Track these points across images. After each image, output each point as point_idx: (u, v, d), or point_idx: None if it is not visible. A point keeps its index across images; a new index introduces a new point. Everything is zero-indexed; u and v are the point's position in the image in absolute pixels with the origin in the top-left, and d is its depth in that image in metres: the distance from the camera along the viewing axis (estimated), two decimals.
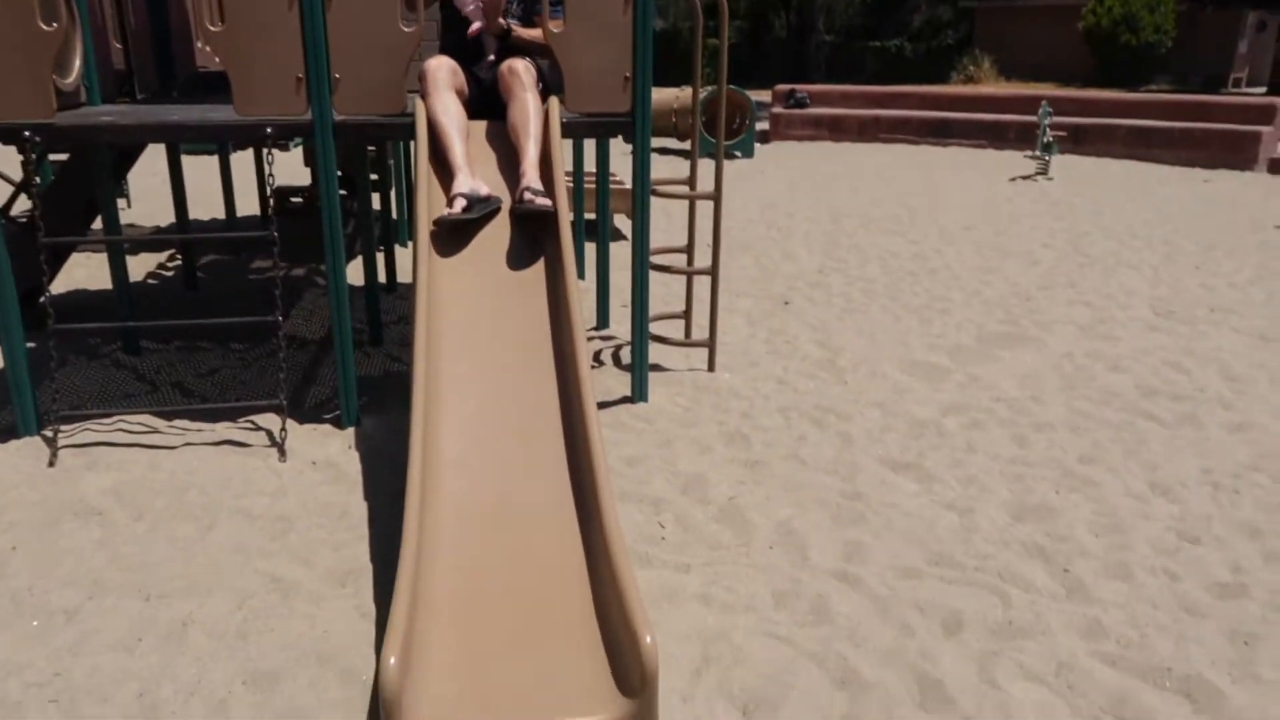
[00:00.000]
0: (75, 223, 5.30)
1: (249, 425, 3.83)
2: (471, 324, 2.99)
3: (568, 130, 3.70)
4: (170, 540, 3.00)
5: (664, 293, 5.49)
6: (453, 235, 3.26)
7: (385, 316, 5.27)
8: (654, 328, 4.45)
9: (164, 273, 6.57)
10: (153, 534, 3.04)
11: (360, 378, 4.15)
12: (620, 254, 6.20)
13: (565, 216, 3.16)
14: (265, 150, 3.63)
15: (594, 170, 5.52)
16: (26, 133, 3.47)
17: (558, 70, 3.70)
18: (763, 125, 14.86)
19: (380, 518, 3.11)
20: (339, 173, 6.99)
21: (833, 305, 5.64)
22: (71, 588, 2.73)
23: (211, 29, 3.44)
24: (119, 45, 5.47)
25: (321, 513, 3.16)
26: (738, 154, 12.65)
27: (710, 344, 4.43)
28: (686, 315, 4.73)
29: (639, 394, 4.03)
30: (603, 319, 5.20)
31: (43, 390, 3.92)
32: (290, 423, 3.81)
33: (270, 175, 3.71)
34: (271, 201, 3.76)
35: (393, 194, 6.68)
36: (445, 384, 2.83)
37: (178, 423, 3.85)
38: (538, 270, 3.16)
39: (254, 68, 3.50)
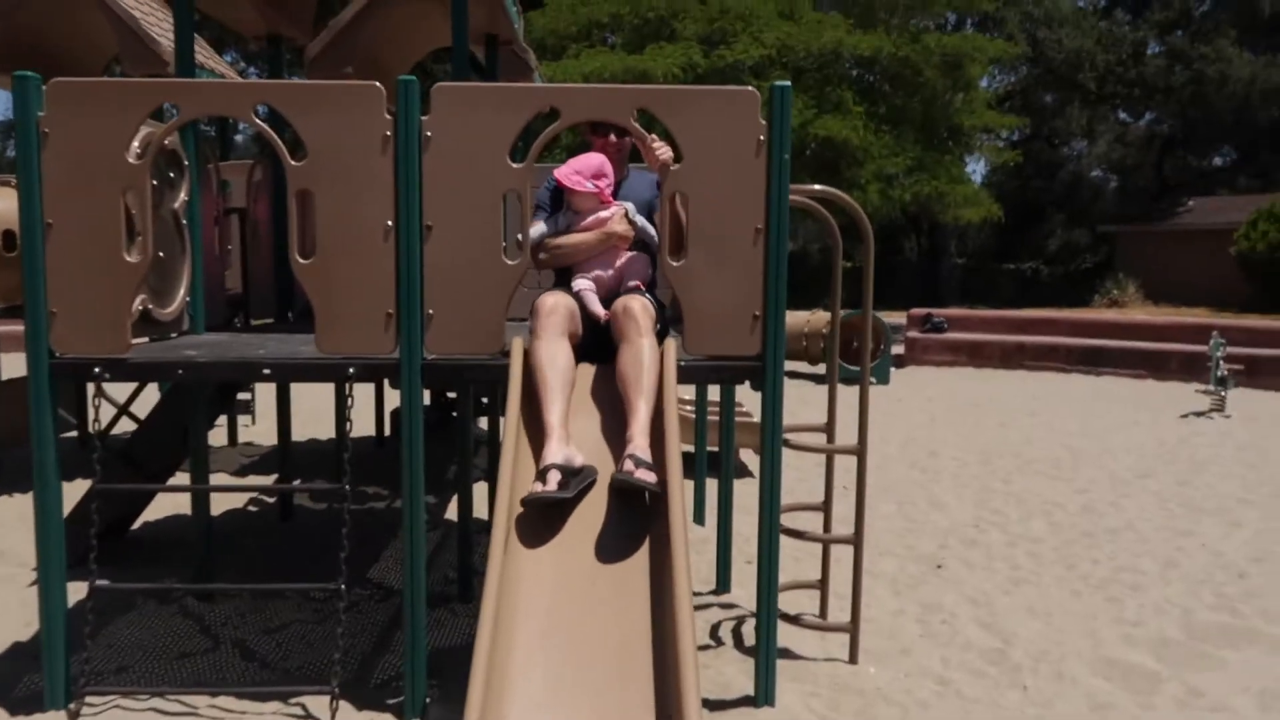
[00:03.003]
0: (173, 450, 5.08)
1: (299, 711, 3.24)
2: (552, 626, 2.37)
3: (685, 375, 3.19)
4: None
5: (794, 549, 4.77)
6: (540, 508, 2.70)
7: (481, 563, 4.71)
8: (783, 599, 3.73)
9: (265, 498, 6.28)
10: None
11: (435, 652, 3.56)
12: (745, 495, 5.55)
13: (677, 495, 2.56)
14: (348, 392, 3.24)
15: (718, 399, 5.01)
16: (96, 369, 3.19)
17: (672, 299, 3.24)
18: (897, 350, 14.30)
19: None
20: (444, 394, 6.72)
21: (995, 572, 4.78)
22: None
23: (301, 261, 3.15)
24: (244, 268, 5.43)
25: None
26: (873, 380, 12.03)
27: (853, 629, 3.66)
28: (822, 587, 4.00)
29: (764, 694, 3.25)
30: (723, 580, 4.49)
31: (87, 650, 3.46)
32: (346, 706, 3.20)
33: (349, 420, 3.30)
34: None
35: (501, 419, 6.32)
36: (513, 708, 2.18)
37: (221, 702, 3.30)
38: (640, 560, 2.54)
39: (342, 302, 3.17)
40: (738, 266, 3.19)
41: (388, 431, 7.95)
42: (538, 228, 3.36)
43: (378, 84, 3.17)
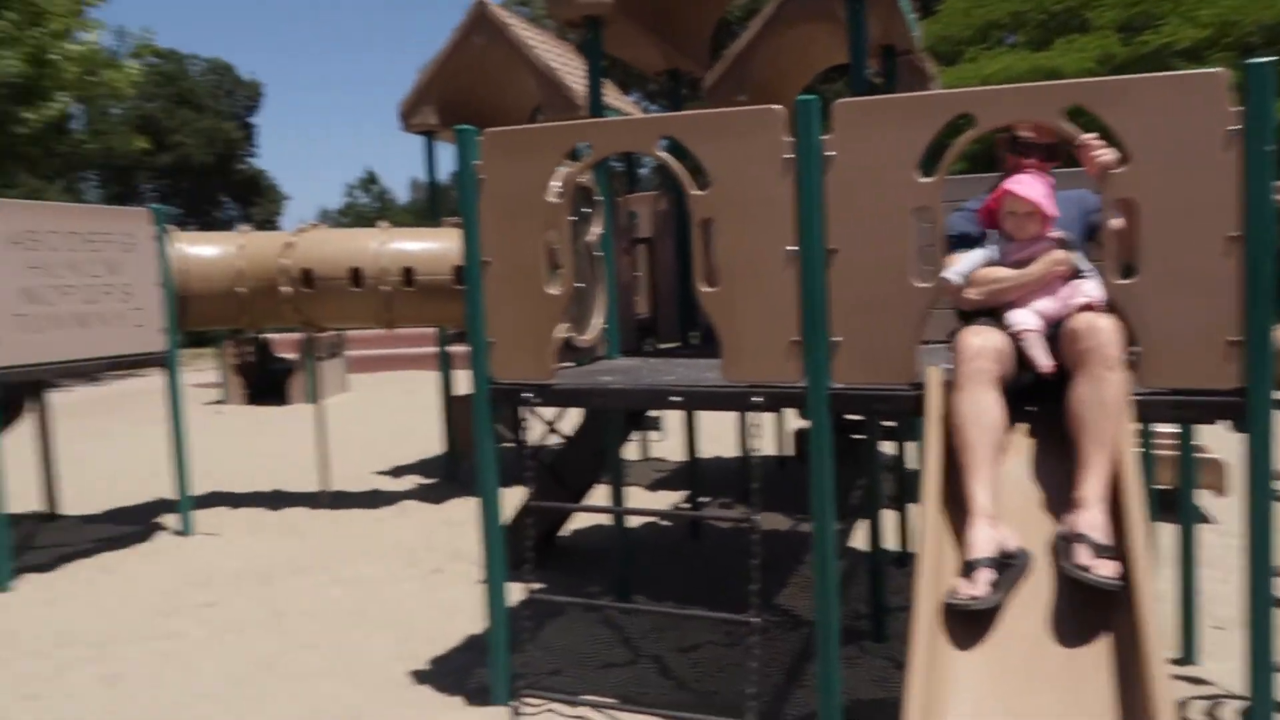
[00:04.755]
0: (593, 468, 5.42)
1: None
2: None
3: (1139, 412, 2.69)
4: None
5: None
6: None
7: (893, 599, 4.45)
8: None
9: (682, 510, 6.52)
10: None
11: (847, 693, 3.36)
12: (1204, 546, 4.70)
13: (1147, 585, 2.05)
14: (754, 422, 3.18)
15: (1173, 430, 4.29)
16: (527, 395, 3.44)
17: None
18: None
19: None
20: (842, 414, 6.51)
21: None
22: None
23: (705, 290, 3.14)
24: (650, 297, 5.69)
25: None
26: None
27: None
28: None
29: None
30: (1188, 648, 3.81)
31: (526, 653, 3.75)
32: None
33: (754, 444, 3.23)
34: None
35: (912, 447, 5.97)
36: None
37: None
38: (1096, 665, 2.09)
39: (746, 330, 3.12)
40: (1203, 283, 2.64)
41: (790, 451, 7.92)
42: (971, 258, 2.94)
43: (778, 106, 3.07)
